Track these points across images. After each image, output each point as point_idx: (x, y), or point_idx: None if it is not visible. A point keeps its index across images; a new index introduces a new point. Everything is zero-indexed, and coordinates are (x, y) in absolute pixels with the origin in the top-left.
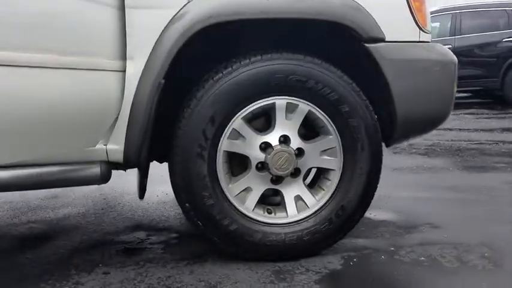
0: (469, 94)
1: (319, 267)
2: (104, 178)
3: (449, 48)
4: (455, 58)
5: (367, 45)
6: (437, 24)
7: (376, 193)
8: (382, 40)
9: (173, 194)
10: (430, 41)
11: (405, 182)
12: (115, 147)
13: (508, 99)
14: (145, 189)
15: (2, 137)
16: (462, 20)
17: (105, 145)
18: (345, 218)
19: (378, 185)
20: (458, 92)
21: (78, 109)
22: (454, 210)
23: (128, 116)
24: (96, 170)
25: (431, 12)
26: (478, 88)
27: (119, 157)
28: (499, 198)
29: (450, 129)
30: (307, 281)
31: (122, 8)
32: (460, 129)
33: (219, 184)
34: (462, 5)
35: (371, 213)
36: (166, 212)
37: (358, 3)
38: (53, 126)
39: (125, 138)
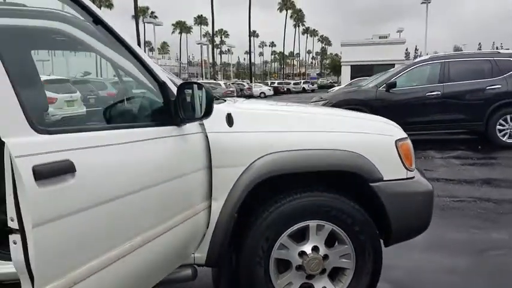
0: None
1: None
2: (194, 277)
3: (438, 93)
4: (431, 187)
5: (371, 184)
6: (427, 71)
7: None
8: (381, 180)
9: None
10: (414, 176)
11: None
12: (201, 255)
13: (491, 140)
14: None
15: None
16: (450, 68)
17: (193, 253)
18: None
19: None
20: (446, 133)
21: (184, 242)
22: (442, 283)
23: (211, 236)
24: (189, 271)
25: (423, 61)
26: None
27: (202, 261)
28: (492, 268)
29: (438, 180)
30: None
31: (209, 167)
32: (446, 180)
33: (271, 281)
34: (451, 54)
35: None
36: None
37: (364, 156)
38: (170, 259)
39: (208, 249)
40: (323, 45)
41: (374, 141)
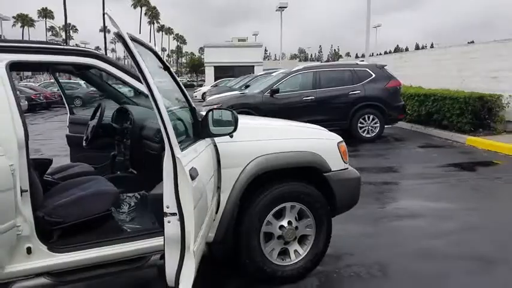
0: None
1: (305, 284)
2: (209, 252)
3: (312, 98)
4: (359, 174)
5: (324, 174)
6: (303, 79)
7: None
8: (330, 170)
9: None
10: (348, 167)
11: None
12: (210, 234)
13: (354, 136)
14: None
15: None
16: (321, 77)
17: None
18: (316, 259)
19: None
20: None
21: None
22: (360, 243)
23: (219, 220)
24: (205, 249)
25: (298, 70)
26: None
27: (211, 239)
28: (389, 231)
29: None
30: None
31: (218, 168)
32: None
33: (261, 248)
34: (321, 65)
35: None
36: None
37: (319, 154)
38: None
39: (216, 230)
40: (178, 43)
41: (324, 143)
